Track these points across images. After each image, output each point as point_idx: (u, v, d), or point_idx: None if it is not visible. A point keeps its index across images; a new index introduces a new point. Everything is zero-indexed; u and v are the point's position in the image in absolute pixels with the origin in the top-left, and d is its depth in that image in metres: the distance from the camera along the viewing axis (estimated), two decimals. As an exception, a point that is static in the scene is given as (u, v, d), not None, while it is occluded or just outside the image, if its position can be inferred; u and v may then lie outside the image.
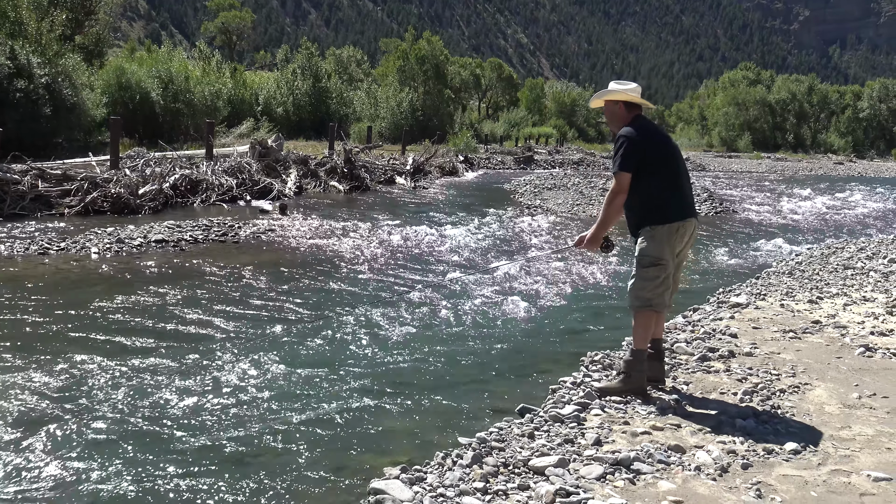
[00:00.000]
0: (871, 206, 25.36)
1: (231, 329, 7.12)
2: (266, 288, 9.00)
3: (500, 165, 40.51)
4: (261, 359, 6.21)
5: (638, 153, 5.25)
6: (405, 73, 57.55)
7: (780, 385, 5.62)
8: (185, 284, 8.89)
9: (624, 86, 5.53)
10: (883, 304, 8.51)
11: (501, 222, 16.07)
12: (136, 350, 6.35)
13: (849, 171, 59.43)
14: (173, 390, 5.45)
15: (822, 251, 13.20)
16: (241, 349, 6.47)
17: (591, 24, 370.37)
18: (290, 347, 6.62)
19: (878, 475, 4.13)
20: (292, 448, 4.61)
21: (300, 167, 21.53)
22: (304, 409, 5.22)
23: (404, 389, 5.71)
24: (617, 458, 4.26)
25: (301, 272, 10.04)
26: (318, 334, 7.06)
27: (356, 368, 6.12)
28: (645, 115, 5.57)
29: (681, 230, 5.30)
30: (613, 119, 5.54)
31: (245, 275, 9.65)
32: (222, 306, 7.98)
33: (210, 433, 4.75)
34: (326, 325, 7.36)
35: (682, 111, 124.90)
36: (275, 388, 5.55)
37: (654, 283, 5.27)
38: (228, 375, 5.78)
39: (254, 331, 7.10)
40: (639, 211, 5.38)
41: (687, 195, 5.44)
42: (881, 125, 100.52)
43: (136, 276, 9.27)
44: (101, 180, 15.08)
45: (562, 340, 7.26)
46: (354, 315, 7.80)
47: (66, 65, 24.58)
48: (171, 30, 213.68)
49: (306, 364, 6.14)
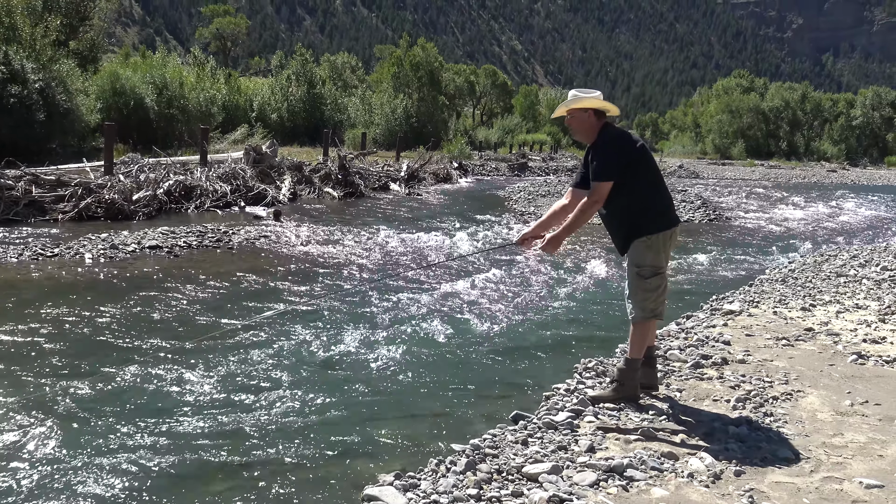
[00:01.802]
0: (864, 214, 25.44)
1: (224, 336, 7.11)
2: (259, 294, 9.00)
3: (495, 172, 40.55)
4: (254, 365, 6.21)
5: (621, 162, 5.16)
6: (400, 80, 57.53)
7: (773, 392, 5.63)
8: (178, 290, 8.88)
9: (587, 93, 5.36)
10: (875, 311, 8.54)
11: (495, 230, 16.08)
12: (128, 356, 6.33)
13: (842, 178, 59.56)
14: (164, 396, 5.44)
15: (815, 259, 13.23)
16: (234, 355, 6.46)
17: (585, 32, 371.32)
18: (284, 353, 6.61)
19: (871, 482, 4.14)
20: (286, 455, 4.61)
21: (294, 173, 21.53)
22: (297, 415, 5.21)
23: (398, 396, 5.71)
24: (610, 464, 4.27)
25: (295, 278, 10.04)
26: (311, 340, 7.05)
27: (349, 375, 6.12)
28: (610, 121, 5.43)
29: (673, 237, 5.32)
30: (582, 128, 5.33)
31: (239, 281, 9.64)
32: (215, 313, 7.98)
33: (202, 439, 4.74)
34: (319, 332, 7.35)
35: (676, 118, 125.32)
36: (267, 395, 5.55)
37: (656, 293, 5.24)
38: (220, 382, 5.77)
39: (246, 337, 7.09)
40: (628, 220, 5.29)
41: (670, 200, 5.43)
42: (874, 133, 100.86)
43: (129, 282, 9.25)
44: (95, 186, 15.07)
45: (555, 347, 7.26)
46: (347, 321, 7.80)
47: (60, 70, 24.54)
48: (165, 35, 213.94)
49: (299, 370, 6.14)
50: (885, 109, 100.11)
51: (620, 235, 5.40)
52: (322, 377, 6.01)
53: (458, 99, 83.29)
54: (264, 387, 5.71)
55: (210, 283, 9.38)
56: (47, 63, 24.11)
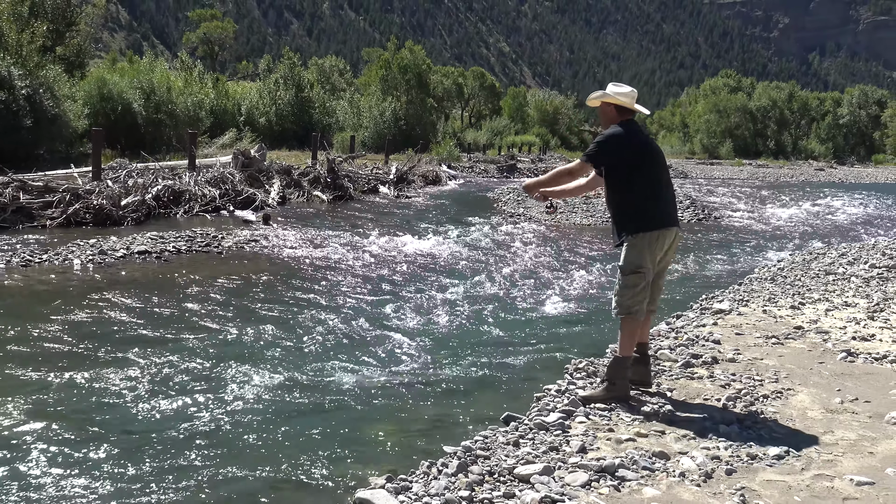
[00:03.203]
0: (852, 212, 25.55)
1: (213, 339, 7.09)
2: (249, 298, 8.97)
3: (484, 174, 40.57)
4: (244, 368, 6.19)
5: (610, 154, 5.38)
6: (388, 83, 57.45)
7: (763, 391, 5.64)
8: (167, 295, 8.85)
9: (619, 88, 5.59)
10: (864, 309, 8.57)
11: (484, 231, 16.09)
12: (118, 361, 6.31)
13: (829, 177, 59.87)
14: (154, 399, 5.43)
15: (804, 257, 13.28)
16: (224, 359, 6.44)
17: (572, 33, 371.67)
18: (273, 357, 6.60)
19: (861, 479, 4.16)
20: (277, 458, 4.60)
21: (283, 177, 21.48)
22: (287, 418, 5.20)
23: (388, 398, 5.71)
24: (602, 465, 4.27)
25: (284, 282, 10.02)
26: (300, 343, 7.05)
27: (338, 377, 6.11)
28: (637, 120, 5.64)
29: (661, 239, 5.34)
30: (605, 120, 5.64)
31: (228, 285, 9.62)
32: (204, 317, 7.95)
33: (191, 443, 4.73)
34: (309, 335, 7.34)
35: (664, 119, 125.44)
36: (257, 398, 5.54)
37: (633, 291, 5.31)
38: (211, 385, 5.76)
39: (237, 340, 7.07)
40: (619, 218, 5.47)
41: (668, 203, 5.47)
42: (861, 131, 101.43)
43: (118, 288, 9.21)
44: (83, 192, 15.00)
45: (546, 348, 7.27)
46: (335, 323, 7.79)
47: (47, 76, 24.43)
48: (152, 40, 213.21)
49: (289, 373, 6.13)
50: (871, 108, 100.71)
51: (614, 229, 5.59)
52: (311, 380, 6.00)
53: (447, 101, 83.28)
54: (252, 390, 5.69)
55: (199, 288, 9.35)
56: (34, 69, 23.99)
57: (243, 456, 4.61)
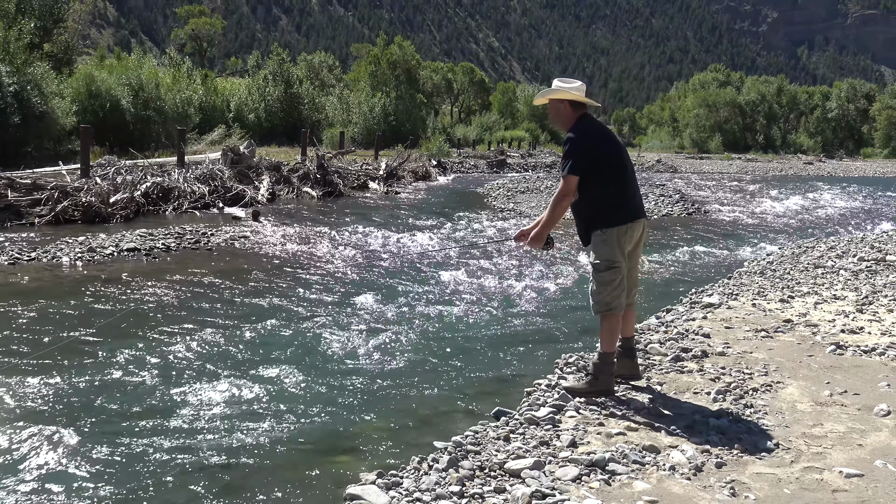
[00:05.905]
0: (841, 206, 25.63)
1: (202, 336, 7.07)
2: (238, 295, 8.96)
3: (474, 169, 40.52)
4: (234, 365, 6.18)
5: (586, 156, 5.23)
6: (377, 78, 57.42)
7: (753, 384, 5.66)
8: (156, 292, 8.83)
9: (569, 84, 5.47)
10: (853, 301, 8.60)
11: (473, 227, 16.09)
12: (107, 360, 6.29)
13: (818, 170, 60.00)
14: (141, 396, 5.41)
15: (793, 250, 13.31)
16: (212, 355, 6.43)
17: (561, 28, 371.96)
18: (263, 353, 6.59)
19: (851, 471, 4.17)
20: (267, 455, 4.59)
21: (273, 173, 21.44)
22: (277, 415, 5.20)
23: (378, 394, 5.70)
24: (592, 459, 4.28)
25: (274, 278, 10.00)
26: (290, 340, 7.04)
27: (329, 374, 6.11)
28: (591, 113, 5.54)
29: (629, 231, 5.33)
30: (558, 118, 5.52)
31: (217, 282, 9.59)
32: (193, 314, 7.94)
33: (183, 441, 4.72)
34: (298, 331, 7.34)
35: (654, 113, 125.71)
36: (248, 395, 5.52)
37: (610, 287, 5.29)
38: (201, 383, 5.74)
39: (226, 337, 7.06)
40: (587, 214, 5.39)
41: (635, 196, 5.46)
42: (850, 125, 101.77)
43: (107, 285, 9.18)
44: (71, 189, 14.94)
45: (535, 343, 7.27)
46: (326, 320, 7.78)
47: (34, 73, 24.31)
48: (140, 37, 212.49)
49: (279, 370, 6.11)
50: (859, 101, 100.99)
51: (581, 227, 5.51)
52: (300, 377, 5.99)
53: (436, 97, 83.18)
54: (243, 387, 5.67)
55: (188, 285, 9.32)
56: (21, 66, 23.89)
57: (233, 452, 4.60)
